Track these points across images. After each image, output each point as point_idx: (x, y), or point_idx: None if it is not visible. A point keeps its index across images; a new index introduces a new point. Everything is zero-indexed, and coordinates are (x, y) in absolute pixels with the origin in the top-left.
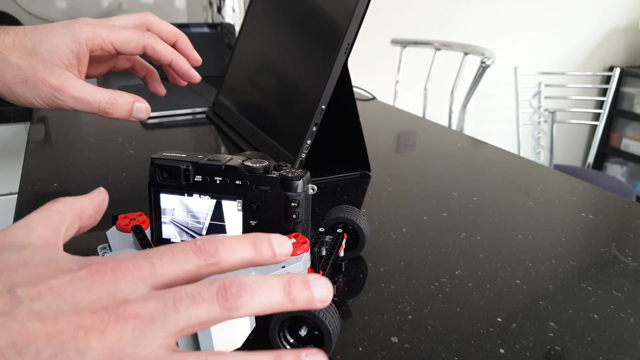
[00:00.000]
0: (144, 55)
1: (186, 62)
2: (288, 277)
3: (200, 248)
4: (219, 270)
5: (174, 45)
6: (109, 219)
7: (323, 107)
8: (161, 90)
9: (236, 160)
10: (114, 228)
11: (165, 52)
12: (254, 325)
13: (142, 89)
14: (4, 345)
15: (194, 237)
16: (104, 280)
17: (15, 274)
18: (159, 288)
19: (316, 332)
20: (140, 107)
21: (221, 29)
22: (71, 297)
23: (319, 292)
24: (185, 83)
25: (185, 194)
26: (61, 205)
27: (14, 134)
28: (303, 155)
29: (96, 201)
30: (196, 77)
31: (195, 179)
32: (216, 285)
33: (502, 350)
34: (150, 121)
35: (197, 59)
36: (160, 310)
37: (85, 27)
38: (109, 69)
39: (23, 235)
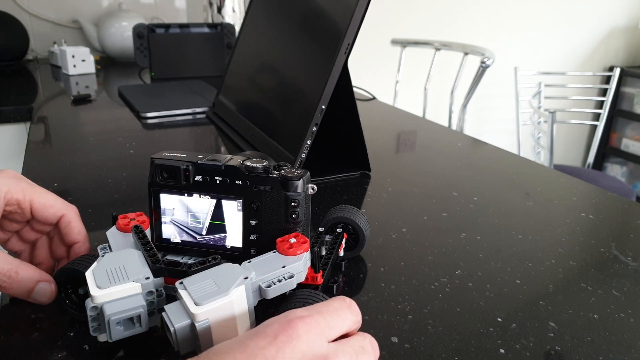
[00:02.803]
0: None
1: (87, 248)
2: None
3: (351, 306)
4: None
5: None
6: (110, 219)
7: (323, 107)
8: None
9: (236, 160)
10: (114, 228)
11: (78, 231)
12: (255, 325)
13: (143, 89)
14: None
15: (194, 237)
16: (300, 342)
17: (231, 355)
18: (331, 341)
19: None
20: (44, 289)
21: (221, 29)
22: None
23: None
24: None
25: (185, 194)
26: None
27: (14, 134)
28: (303, 155)
29: None
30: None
31: (195, 179)
32: (368, 341)
33: (502, 350)
34: (150, 121)
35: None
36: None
37: (8, 180)
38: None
39: None
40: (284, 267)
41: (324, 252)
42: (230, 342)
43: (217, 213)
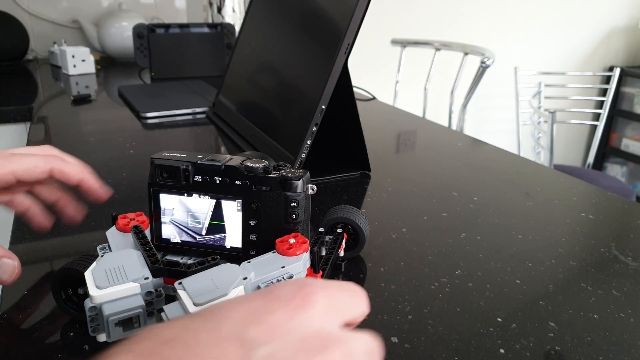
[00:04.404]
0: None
1: (95, 179)
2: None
3: (363, 295)
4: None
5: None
6: (109, 219)
7: (323, 107)
8: (78, 215)
9: (236, 160)
10: (113, 228)
11: (75, 173)
12: None
13: (143, 89)
14: None
15: (193, 237)
16: (316, 313)
17: (233, 311)
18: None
19: None
20: (5, 264)
21: (221, 29)
22: (294, 333)
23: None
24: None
25: (185, 194)
26: None
27: (14, 134)
28: (303, 155)
29: None
30: (105, 195)
31: (195, 179)
32: (377, 347)
33: (502, 350)
34: (150, 121)
35: (103, 194)
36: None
37: None
38: (7, 200)
39: None
40: (283, 267)
41: (324, 253)
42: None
43: (217, 213)
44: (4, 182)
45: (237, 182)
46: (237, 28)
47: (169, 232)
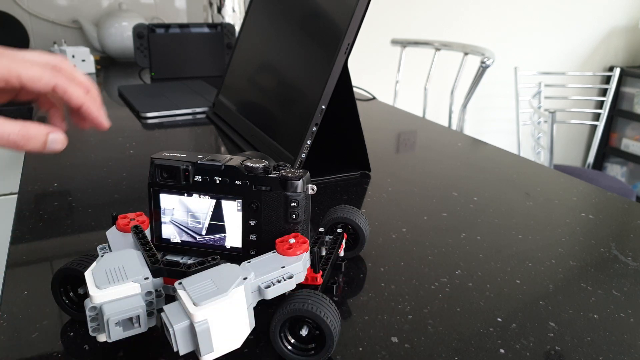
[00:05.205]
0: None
1: (97, 106)
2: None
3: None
4: None
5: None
6: (109, 219)
7: (323, 107)
8: (63, 125)
9: (236, 160)
10: (113, 228)
11: (77, 96)
12: (254, 325)
13: (143, 89)
14: None
15: (193, 237)
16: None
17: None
18: None
19: (317, 332)
20: (55, 139)
21: (221, 29)
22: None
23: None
24: (88, 127)
25: (185, 194)
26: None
27: None
28: (303, 155)
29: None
30: (105, 124)
31: (195, 179)
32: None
33: (502, 350)
34: (150, 121)
35: (102, 123)
36: None
37: None
38: (9, 100)
39: None
40: (283, 267)
41: (324, 253)
42: None
43: (217, 213)
44: (9, 84)
45: (237, 182)
46: (237, 28)
47: (169, 232)
